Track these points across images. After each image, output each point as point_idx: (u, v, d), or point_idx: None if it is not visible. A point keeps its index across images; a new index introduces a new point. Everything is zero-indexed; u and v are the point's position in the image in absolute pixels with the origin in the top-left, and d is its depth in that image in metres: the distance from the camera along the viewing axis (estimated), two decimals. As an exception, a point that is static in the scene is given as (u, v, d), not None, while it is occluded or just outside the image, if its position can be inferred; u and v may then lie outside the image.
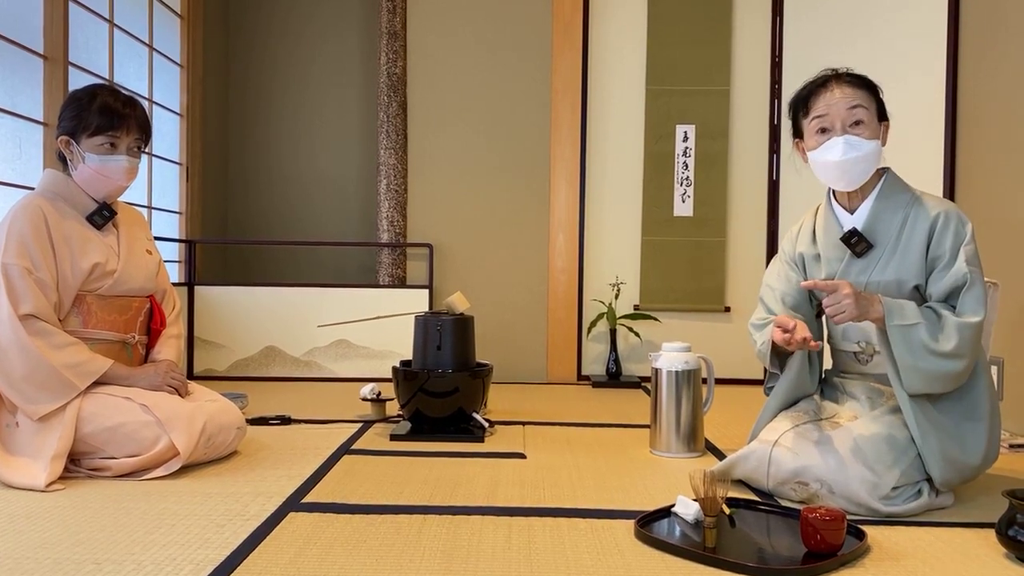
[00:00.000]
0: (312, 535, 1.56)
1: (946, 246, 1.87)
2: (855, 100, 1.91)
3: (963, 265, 1.84)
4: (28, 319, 1.97)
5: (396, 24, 3.97)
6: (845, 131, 1.91)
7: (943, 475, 1.77)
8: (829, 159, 1.92)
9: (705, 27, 3.93)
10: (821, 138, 1.94)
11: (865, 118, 1.91)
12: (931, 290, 1.89)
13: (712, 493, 1.51)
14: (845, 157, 1.90)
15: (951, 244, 1.87)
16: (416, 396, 2.52)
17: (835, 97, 1.92)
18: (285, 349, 3.82)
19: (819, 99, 1.95)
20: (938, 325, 1.81)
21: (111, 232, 2.19)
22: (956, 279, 1.84)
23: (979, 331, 1.83)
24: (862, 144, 1.90)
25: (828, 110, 1.92)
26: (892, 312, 1.82)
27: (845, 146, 1.90)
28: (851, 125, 1.91)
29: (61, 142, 2.12)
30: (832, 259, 2.01)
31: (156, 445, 1.97)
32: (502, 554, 1.47)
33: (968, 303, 1.83)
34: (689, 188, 3.93)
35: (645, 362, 3.92)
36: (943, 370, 1.79)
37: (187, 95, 3.94)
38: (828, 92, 1.94)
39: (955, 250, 1.86)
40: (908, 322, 1.80)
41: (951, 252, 1.86)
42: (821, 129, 1.94)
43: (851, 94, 1.91)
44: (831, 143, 1.92)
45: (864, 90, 1.94)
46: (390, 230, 3.97)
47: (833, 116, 1.92)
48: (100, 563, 1.40)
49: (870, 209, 1.96)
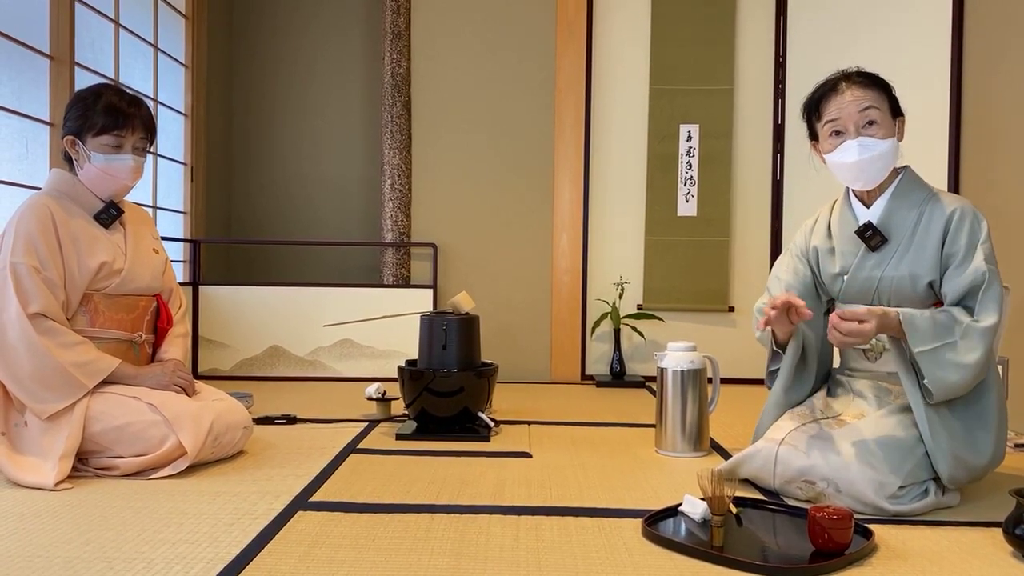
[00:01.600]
0: (321, 534, 1.56)
1: (961, 243, 1.87)
2: (866, 101, 1.91)
3: (981, 263, 1.83)
4: (36, 318, 1.97)
5: (400, 24, 3.97)
6: (859, 133, 1.91)
7: (951, 473, 1.78)
8: (845, 161, 1.93)
9: (709, 27, 3.94)
10: (835, 141, 1.95)
11: (878, 118, 1.91)
12: (946, 288, 1.88)
13: (719, 492, 1.51)
14: (860, 158, 1.90)
15: (966, 241, 1.86)
16: (421, 395, 2.53)
17: (846, 100, 1.92)
18: (290, 349, 3.83)
19: (830, 102, 1.95)
20: (960, 337, 1.80)
21: (118, 231, 2.20)
22: (974, 278, 1.83)
23: (997, 332, 1.83)
24: (877, 144, 1.91)
25: (840, 113, 1.93)
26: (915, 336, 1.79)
27: (860, 148, 1.90)
28: (864, 126, 1.91)
29: (67, 142, 2.12)
30: (847, 252, 2.01)
31: (163, 444, 1.98)
32: (511, 552, 1.48)
33: (986, 304, 1.82)
34: (693, 188, 3.94)
35: (649, 362, 3.92)
36: (969, 378, 1.79)
37: (191, 95, 3.95)
38: (839, 95, 1.94)
39: (971, 247, 1.86)
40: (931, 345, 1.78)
41: (966, 249, 1.86)
42: (835, 132, 1.95)
43: (862, 95, 1.92)
44: (845, 146, 1.92)
45: (875, 89, 1.94)
46: (394, 230, 3.97)
47: (845, 119, 1.92)
48: (111, 561, 1.40)
49: (886, 204, 1.97)
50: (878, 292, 1.96)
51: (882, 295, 1.95)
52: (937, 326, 1.81)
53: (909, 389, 1.83)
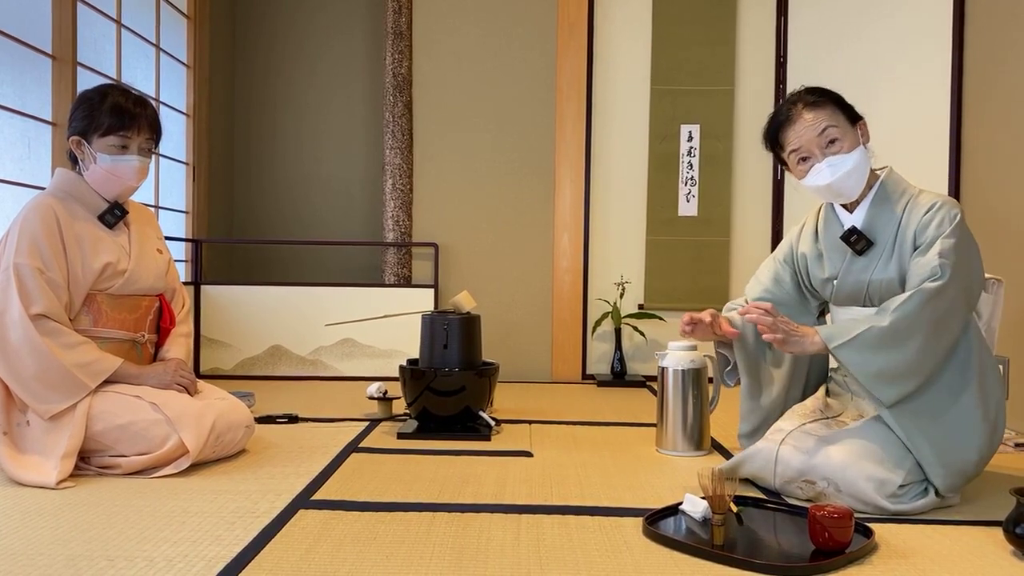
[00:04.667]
0: (322, 532, 1.57)
1: (927, 236, 1.85)
2: (822, 122, 1.91)
3: (934, 257, 1.80)
4: (39, 319, 1.98)
5: (402, 24, 3.98)
6: (824, 154, 1.91)
7: (945, 483, 1.77)
8: (819, 184, 1.93)
9: (710, 27, 3.94)
10: (804, 167, 1.96)
11: (838, 135, 1.91)
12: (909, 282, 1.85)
13: (720, 491, 1.52)
14: (833, 179, 1.91)
15: (932, 234, 1.84)
16: (423, 395, 2.53)
17: (802, 127, 1.92)
18: (291, 348, 3.83)
19: (787, 132, 1.96)
20: (882, 318, 1.79)
21: (122, 231, 2.20)
22: (928, 271, 1.80)
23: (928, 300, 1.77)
24: (845, 160, 1.90)
25: (800, 141, 1.93)
26: (832, 335, 1.81)
27: (830, 169, 1.91)
28: (827, 146, 1.91)
29: (72, 142, 2.13)
30: (834, 257, 2.02)
31: (166, 443, 1.98)
32: (512, 551, 1.48)
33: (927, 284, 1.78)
34: (693, 188, 3.94)
35: (649, 361, 3.93)
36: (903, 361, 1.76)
37: (194, 95, 3.96)
38: (793, 124, 1.94)
39: (933, 240, 1.83)
40: (851, 335, 1.79)
41: (929, 242, 1.84)
42: (801, 159, 1.96)
43: (813, 118, 1.91)
44: (815, 170, 1.93)
45: (826, 107, 1.92)
46: (395, 230, 3.98)
47: (808, 145, 1.92)
48: (113, 559, 1.41)
49: (868, 207, 1.97)
50: (868, 295, 1.95)
51: (872, 297, 1.95)
52: (854, 321, 1.83)
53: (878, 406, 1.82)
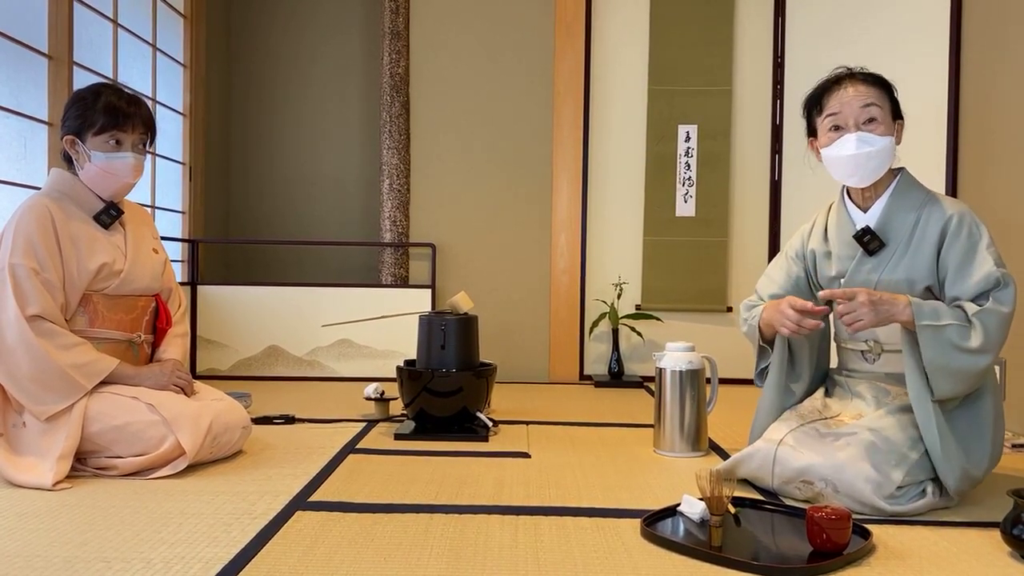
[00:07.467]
0: (320, 533, 1.56)
1: (959, 248, 1.86)
2: (868, 98, 1.92)
3: (993, 268, 1.82)
4: (35, 320, 1.97)
5: (399, 24, 3.97)
6: (858, 128, 1.92)
7: (958, 485, 1.77)
8: (842, 154, 1.93)
9: (707, 27, 3.94)
10: (834, 135, 1.96)
11: (878, 116, 1.92)
12: (957, 292, 1.86)
13: (718, 492, 1.51)
14: (858, 152, 1.91)
15: (966, 246, 1.86)
16: (420, 395, 2.53)
17: (848, 95, 1.93)
18: (288, 349, 3.83)
19: (832, 97, 1.96)
20: (967, 321, 1.80)
21: (118, 231, 2.20)
22: (987, 281, 1.82)
23: (1006, 322, 1.81)
24: (875, 140, 1.91)
25: (841, 108, 1.94)
26: (923, 312, 1.79)
27: (858, 142, 1.91)
28: (864, 123, 1.92)
29: (67, 142, 2.12)
30: (844, 257, 2.01)
31: (162, 444, 1.98)
32: (509, 552, 1.48)
33: (1000, 298, 1.81)
34: (691, 188, 3.94)
35: (647, 362, 3.93)
36: (974, 367, 1.78)
37: (190, 95, 3.95)
38: (841, 90, 1.95)
39: (972, 252, 1.85)
40: (941, 323, 1.78)
41: (966, 253, 1.85)
42: (835, 127, 1.96)
43: (864, 92, 1.93)
44: (844, 139, 1.93)
45: (878, 88, 1.95)
46: (393, 230, 3.97)
47: (846, 114, 1.93)
48: (109, 561, 1.41)
49: (884, 207, 1.97)
50: None
51: None
52: (947, 309, 1.81)
53: (919, 395, 1.81)
